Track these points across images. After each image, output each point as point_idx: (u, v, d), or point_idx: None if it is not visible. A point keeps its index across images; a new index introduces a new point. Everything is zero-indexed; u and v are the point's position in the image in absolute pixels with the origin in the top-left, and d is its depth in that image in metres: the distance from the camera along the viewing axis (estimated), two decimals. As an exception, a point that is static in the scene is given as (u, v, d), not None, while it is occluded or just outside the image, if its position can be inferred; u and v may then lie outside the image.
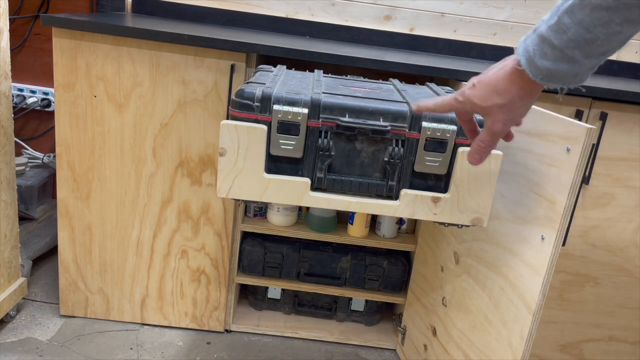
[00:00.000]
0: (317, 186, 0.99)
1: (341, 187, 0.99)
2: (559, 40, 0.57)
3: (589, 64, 0.58)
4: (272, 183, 0.97)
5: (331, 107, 0.96)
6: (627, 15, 0.52)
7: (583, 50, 0.56)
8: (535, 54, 0.60)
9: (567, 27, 0.55)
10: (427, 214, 1.00)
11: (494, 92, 0.66)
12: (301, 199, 0.98)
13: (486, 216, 1.00)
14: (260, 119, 0.96)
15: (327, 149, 0.97)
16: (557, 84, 0.61)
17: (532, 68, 0.61)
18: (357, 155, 0.99)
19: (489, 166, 0.96)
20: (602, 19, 0.53)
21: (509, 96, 0.66)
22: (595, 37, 0.54)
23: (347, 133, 0.96)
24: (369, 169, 0.99)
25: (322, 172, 0.99)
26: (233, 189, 0.97)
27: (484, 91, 0.67)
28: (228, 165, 0.96)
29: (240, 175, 0.96)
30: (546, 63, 0.59)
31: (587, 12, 0.53)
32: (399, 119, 0.97)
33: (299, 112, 0.95)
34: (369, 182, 0.99)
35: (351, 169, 0.99)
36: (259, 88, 0.97)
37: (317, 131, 0.96)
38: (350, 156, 0.99)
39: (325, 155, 0.97)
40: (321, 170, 0.99)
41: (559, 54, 0.58)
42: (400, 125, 0.97)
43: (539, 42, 0.60)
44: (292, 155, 0.97)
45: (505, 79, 0.65)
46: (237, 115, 0.96)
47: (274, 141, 0.96)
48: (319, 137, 0.97)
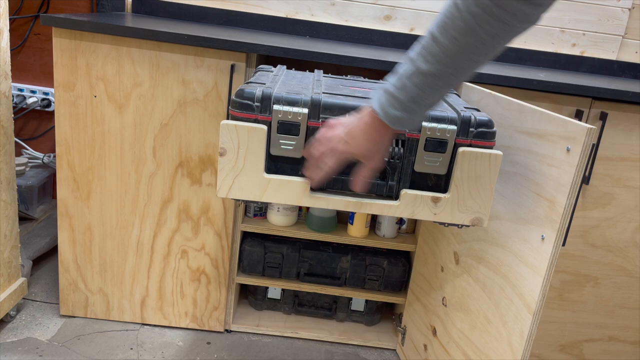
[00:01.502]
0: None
1: (341, 187, 0.99)
2: (402, 96, 0.77)
3: (422, 112, 0.79)
4: (272, 183, 0.97)
5: (331, 107, 0.96)
6: (448, 81, 0.74)
7: (417, 104, 0.77)
8: (386, 106, 0.79)
9: (407, 87, 0.76)
10: (427, 214, 0.99)
11: (367, 141, 0.84)
12: (301, 199, 0.98)
13: (486, 216, 0.99)
14: (260, 119, 0.95)
15: None
16: (404, 128, 0.81)
17: (386, 116, 0.79)
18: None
19: (488, 166, 0.96)
20: (430, 83, 0.74)
21: (378, 140, 0.84)
22: (425, 94, 0.75)
23: None
24: None
25: None
26: (233, 189, 0.97)
27: (359, 142, 0.85)
28: (228, 165, 0.96)
29: (240, 175, 0.96)
30: (395, 112, 0.78)
31: (421, 78, 0.74)
32: None
33: (299, 112, 0.95)
34: (368, 182, 0.99)
35: (351, 169, 0.98)
36: (259, 88, 0.96)
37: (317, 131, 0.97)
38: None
39: None
40: None
41: (402, 105, 0.77)
42: None
43: (388, 97, 0.78)
44: (292, 155, 0.97)
45: (371, 128, 0.83)
46: (237, 115, 0.96)
47: (274, 141, 0.96)
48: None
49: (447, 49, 0.70)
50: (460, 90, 1.32)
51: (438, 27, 0.71)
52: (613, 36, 1.84)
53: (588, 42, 1.85)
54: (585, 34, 1.85)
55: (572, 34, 1.85)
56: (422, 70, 0.73)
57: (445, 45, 0.70)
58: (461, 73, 0.73)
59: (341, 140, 0.86)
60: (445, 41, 0.70)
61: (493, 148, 0.97)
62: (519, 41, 1.86)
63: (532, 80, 1.33)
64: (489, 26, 0.67)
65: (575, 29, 1.84)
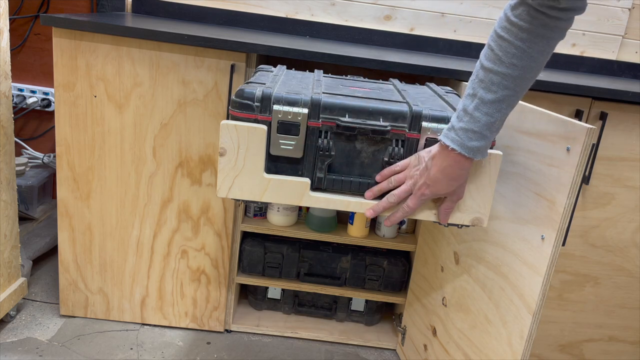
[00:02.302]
0: (317, 186, 0.99)
1: (341, 187, 0.99)
2: (476, 127, 0.87)
3: (493, 137, 0.90)
4: (272, 183, 0.97)
5: (331, 107, 0.95)
6: (511, 102, 0.86)
7: (490, 130, 0.87)
8: (465, 140, 0.88)
9: (479, 118, 0.86)
10: (427, 214, 1.00)
11: (451, 180, 0.92)
12: (301, 199, 0.98)
13: (486, 216, 0.99)
14: (260, 119, 0.95)
15: (327, 149, 0.96)
16: (482, 156, 0.90)
17: (467, 150, 0.88)
18: (357, 155, 0.98)
19: (488, 167, 0.97)
20: (498, 108, 0.86)
21: (460, 176, 0.92)
22: (495, 119, 0.87)
23: (347, 133, 0.96)
24: (369, 169, 0.99)
25: (322, 172, 0.98)
26: (233, 189, 0.97)
27: (443, 185, 0.92)
28: (228, 165, 0.95)
29: (240, 175, 0.96)
30: (475, 143, 0.88)
31: (488, 107, 0.86)
32: (399, 119, 0.96)
33: (299, 112, 0.95)
34: (369, 182, 0.99)
35: (351, 168, 0.99)
36: (259, 88, 0.96)
37: (317, 131, 0.96)
38: (350, 156, 0.98)
39: (325, 155, 0.97)
40: (321, 170, 0.98)
41: (479, 135, 0.87)
42: (401, 125, 0.96)
43: (463, 133, 0.88)
44: (292, 155, 0.97)
45: (451, 167, 0.90)
46: (237, 115, 0.95)
47: (274, 141, 0.96)
48: (319, 137, 0.96)
49: (508, 74, 0.83)
50: (461, 90, 1.32)
51: (490, 59, 0.84)
52: (613, 36, 1.84)
53: (588, 42, 1.85)
54: (585, 34, 1.85)
55: (572, 33, 1.85)
56: (488, 100, 0.85)
57: (505, 73, 0.83)
58: (523, 91, 0.86)
59: (423, 185, 0.93)
60: (503, 69, 0.83)
61: (493, 148, 0.97)
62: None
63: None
64: (537, 45, 0.82)
65: (575, 29, 1.84)
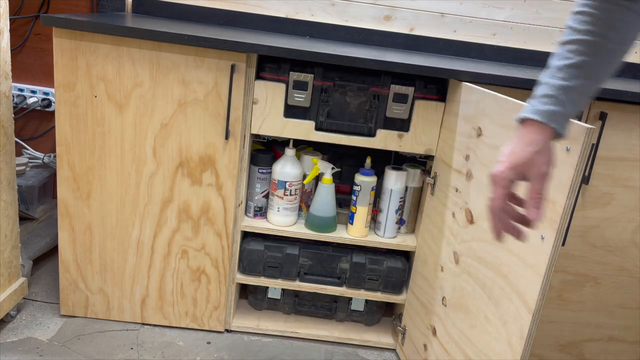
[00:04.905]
0: (319, 127, 1.45)
1: (337, 128, 1.46)
2: (550, 91, 0.78)
3: (572, 107, 0.79)
4: (288, 124, 1.44)
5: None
6: (589, 72, 0.77)
7: (566, 94, 0.78)
8: (538, 105, 0.79)
9: (552, 83, 0.78)
10: (394, 146, 1.46)
11: (526, 145, 0.79)
12: (309, 135, 1.45)
13: (434, 147, 1.45)
14: (281, 79, 1.40)
15: (327, 100, 1.43)
16: (560, 125, 0.78)
17: (540, 114, 0.78)
18: (347, 106, 1.45)
19: (435, 112, 1.42)
20: (574, 74, 0.77)
21: (537, 140, 0.79)
22: (572, 84, 0.77)
23: (340, 90, 1.42)
24: (356, 115, 1.46)
25: (323, 117, 1.44)
26: (262, 127, 1.44)
27: (519, 151, 0.80)
28: (259, 110, 1.42)
29: (267, 118, 1.43)
30: (549, 107, 0.78)
31: (564, 71, 0.78)
32: (375, 82, 1.43)
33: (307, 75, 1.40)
34: (355, 125, 1.46)
35: (343, 115, 1.45)
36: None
37: (320, 88, 1.40)
38: (343, 106, 1.44)
39: (325, 105, 1.43)
40: (322, 116, 1.44)
41: (554, 100, 0.78)
42: (376, 84, 1.42)
43: (536, 100, 0.79)
44: (302, 104, 1.42)
45: (526, 135, 0.80)
46: (266, 76, 1.40)
47: (290, 95, 1.41)
48: (321, 93, 1.42)
49: (584, 40, 0.77)
50: (461, 90, 1.33)
51: (565, 34, 0.79)
52: (613, 36, 1.84)
53: (588, 42, 1.85)
54: (585, 34, 1.84)
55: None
56: (562, 65, 0.78)
57: (580, 39, 0.77)
58: (605, 64, 0.78)
59: (500, 164, 0.81)
60: (578, 37, 0.77)
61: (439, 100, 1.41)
62: (519, 41, 1.86)
63: (532, 80, 1.33)
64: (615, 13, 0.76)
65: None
